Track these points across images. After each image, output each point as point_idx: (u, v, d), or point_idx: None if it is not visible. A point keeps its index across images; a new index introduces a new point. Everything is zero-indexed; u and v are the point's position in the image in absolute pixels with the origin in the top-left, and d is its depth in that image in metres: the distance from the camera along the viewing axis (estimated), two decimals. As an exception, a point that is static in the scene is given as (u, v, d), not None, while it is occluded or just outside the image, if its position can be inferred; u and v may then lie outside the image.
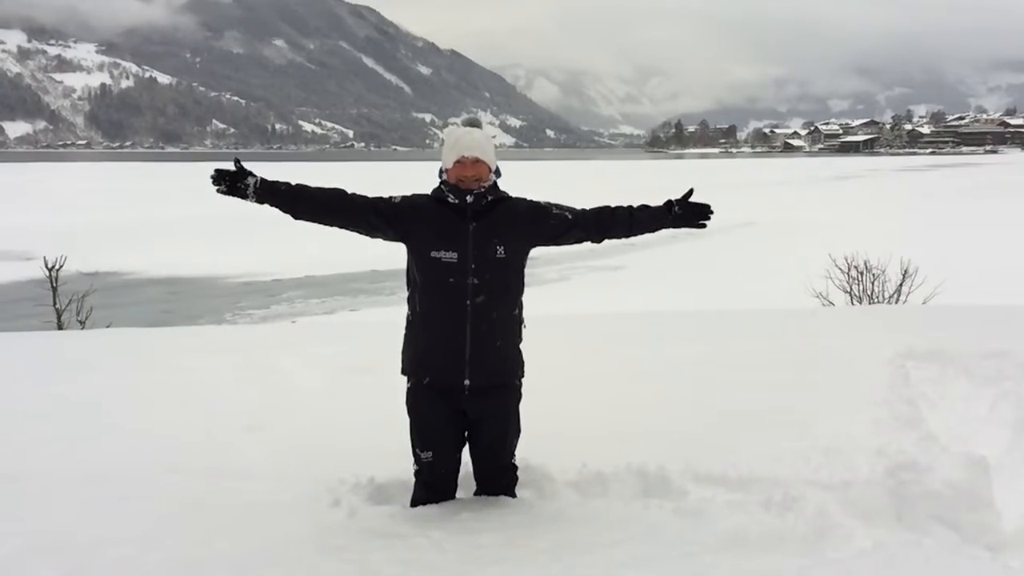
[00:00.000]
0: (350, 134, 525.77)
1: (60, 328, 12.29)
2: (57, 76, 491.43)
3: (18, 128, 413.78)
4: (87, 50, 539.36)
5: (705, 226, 3.69)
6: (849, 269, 12.94)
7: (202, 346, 7.76)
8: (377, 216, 3.55)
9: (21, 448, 4.65)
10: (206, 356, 7.02)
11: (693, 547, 3.28)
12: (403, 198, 3.62)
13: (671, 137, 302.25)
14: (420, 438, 3.63)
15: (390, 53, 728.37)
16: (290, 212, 3.55)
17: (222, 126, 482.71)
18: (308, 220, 3.57)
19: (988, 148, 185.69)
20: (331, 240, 3.66)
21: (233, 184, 3.44)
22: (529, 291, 3.67)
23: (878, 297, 12.62)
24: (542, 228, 3.62)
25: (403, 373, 3.66)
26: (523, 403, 3.69)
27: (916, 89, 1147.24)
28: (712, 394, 5.36)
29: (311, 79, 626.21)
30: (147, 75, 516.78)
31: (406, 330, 3.63)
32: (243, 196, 3.46)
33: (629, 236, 3.75)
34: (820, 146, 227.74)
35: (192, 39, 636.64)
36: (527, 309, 3.69)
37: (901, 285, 12.51)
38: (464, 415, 3.59)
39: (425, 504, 3.69)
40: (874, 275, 12.72)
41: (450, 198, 3.50)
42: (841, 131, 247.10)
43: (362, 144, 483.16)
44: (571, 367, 6.05)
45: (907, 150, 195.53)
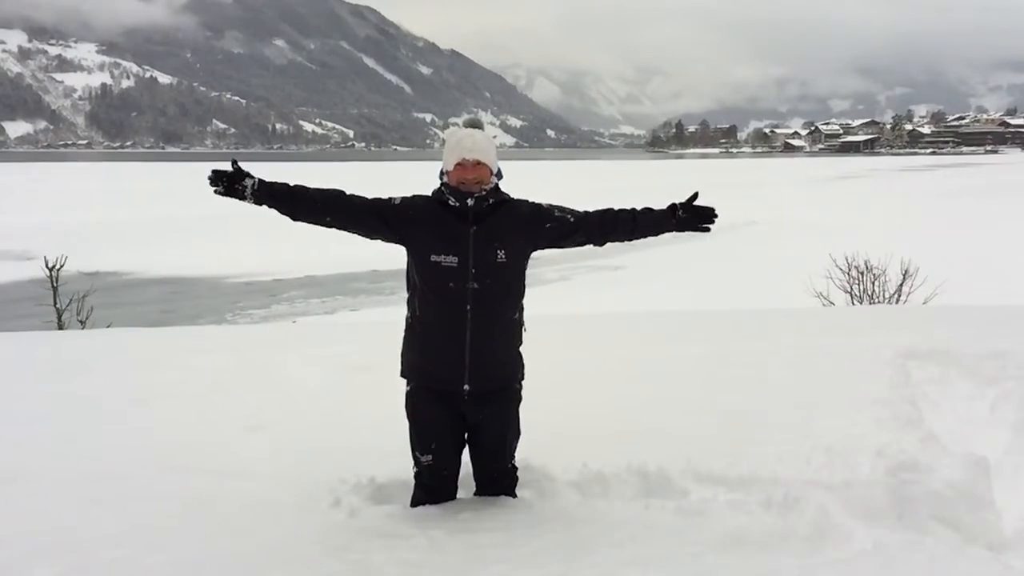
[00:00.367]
0: (351, 134, 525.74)
1: (60, 328, 12.29)
2: (58, 76, 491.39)
3: (19, 128, 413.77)
4: (88, 50, 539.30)
5: (709, 230, 3.65)
6: (849, 269, 12.94)
7: (203, 346, 7.76)
8: (376, 218, 3.51)
9: (21, 448, 4.65)
10: (207, 356, 7.02)
11: (694, 547, 3.28)
12: (403, 199, 3.56)
13: (672, 137, 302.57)
14: (419, 442, 3.61)
15: (391, 53, 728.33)
16: (288, 214, 3.50)
17: (223, 126, 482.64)
18: (306, 221, 3.52)
19: (988, 148, 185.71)
20: (332, 240, 3.65)
21: (231, 185, 3.39)
22: (529, 291, 3.66)
23: (879, 297, 12.62)
24: (543, 231, 3.57)
25: (402, 376, 3.64)
26: (524, 403, 3.68)
27: (917, 89, 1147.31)
28: (713, 394, 5.36)
29: (312, 79, 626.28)
30: (148, 75, 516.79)
31: (405, 333, 3.61)
32: (241, 197, 3.42)
33: (631, 239, 3.71)
34: (820, 146, 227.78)
35: (193, 39, 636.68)
36: (527, 309, 3.67)
37: (902, 285, 12.51)
38: (464, 418, 3.57)
39: (425, 505, 3.68)
40: (875, 275, 12.71)
41: (451, 201, 3.45)
42: (842, 131, 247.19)
43: (363, 144, 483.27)
44: (572, 367, 6.05)
45: (907, 150, 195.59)
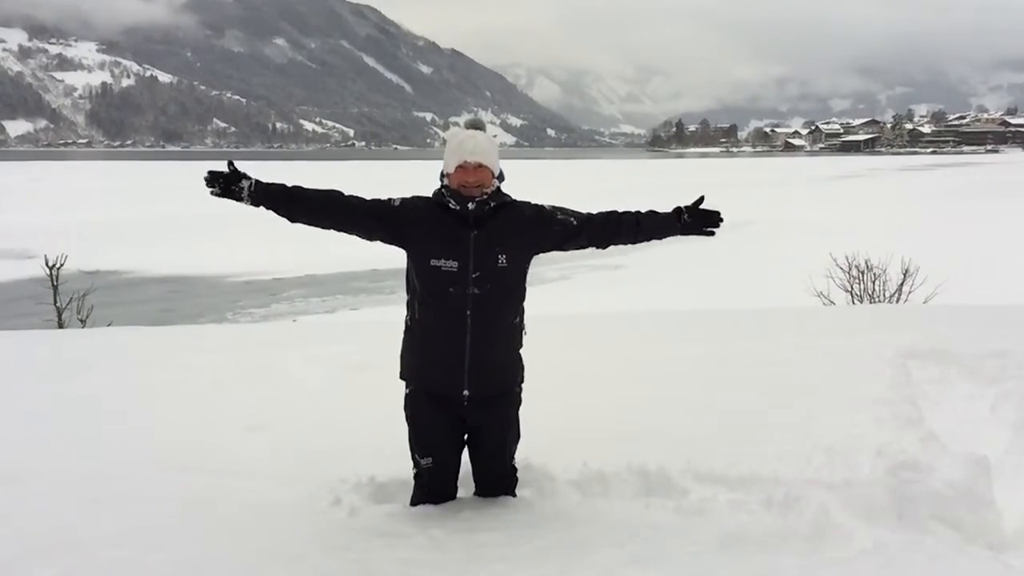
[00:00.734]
0: (351, 133, 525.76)
1: (61, 327, 12.29)
2: (58, 75, 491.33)
3: (19, 127, 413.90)
4: (88, 49, 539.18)
5: (714, 234, 3.60)
6: (850, 268, 12.95)
7: (203, 345, 7.76)
8: (375, 220, 3.46)
9: (21, 447, 4.65)
10: (207, 355, 7.02)
11: (694, 546, 3.28)
12: (402, 201, 3.51)
13: (672, 136, 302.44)
14: (419, 445, 3.60)
15: (391, 52, 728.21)
16: (286, 215, 3.45)
17: (223, 125, 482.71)
18: (305, 223, 3.48)
19: (989, 148, 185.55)
20: (332, 239, 3.64)
21: (227, 187, 3.35)
22: (529, 290, 3.63)
23: (879, 296, 12.63)
24: (546, 235, 3.53)
25: (401, 378, 3.62)
26: (524, 402, 3.67)
27: (917, 88, 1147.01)
28: (713, 393, 5.35)
29: (312, 78, 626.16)
30: (148, 74, 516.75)
31: (405, 335, 3.58)
32: (237, 199, 3.36)
33: (635, 242, 3.66)
34: (821, 145, 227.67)
35: (193, 38, 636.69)
36: (528, 309, 3.65)
37: (902, 284, 12.51)
38: (463, 422, 3.55)
39: (425, 504, 3.67)
40: (875, 274, 12.72)
41: (451, 204, 3.40)
42: (842, 130, 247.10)
43: (363, 143, 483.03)
44: (572, 367, 6.05)
45: (908, 150, 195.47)
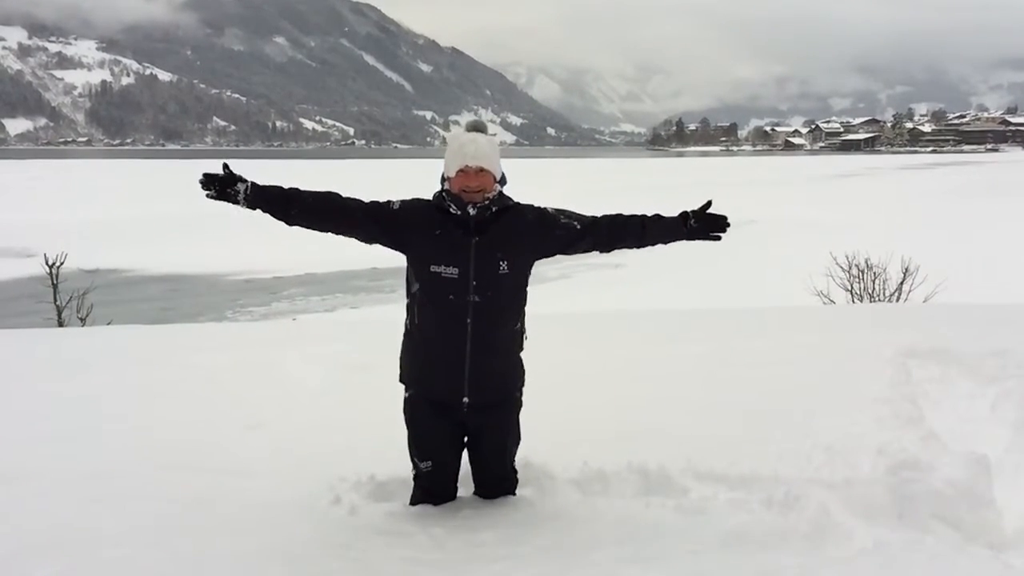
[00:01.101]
0: (351, 132, 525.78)
1: (61, 325, 12.29)
2: (58, 73, 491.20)
3: (19, 125, 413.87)
4: (88, 47, 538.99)
5: (720, 239, 3.54)
6: (850, 267, 12.95)
7: (202, 344, 7.75)
8: (374, 224, 3.41)
9: (20, 446, 4.64)
10: (206, 353, 7.01)
11: (694, 545, 3.28)
12: (402, 204, 3.44)
13: (672, 135, 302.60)
14: (418, 448, 3.58)
15: (391, 51, 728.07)
16: (283, 219, 3.39)
17: (223, 123, 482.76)
18: (302, 226, 3.42)
19: (989, 147, 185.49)
20: (331, 238, 3.63)
21: (222, 190, 3.28)
22: (529, 289, 3.60)
23: (879, 295, 12.62)
24: (549, 240, 3.47)
25: (401, 382, 3.59)
26: (524, 402, 3.66)
27: (917, 87, 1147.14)
28: (713, 393, 5.35)
29: (312, 76, 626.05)
30: (148, 72, 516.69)
31: (404, 339, 3.55)
32: (234, 202, 3.30)
33: (640, 247, 3.59)
34: (821, 144, 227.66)
35: (193, 36, 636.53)
36: (528, 308, 3.62)
37: (902, 283, 12.51)
38: (463, 426, 3.53)
39: (425, 504, 3.66)
40: (875, 273, 12.72)
41: (452, 208, 3.34)
42: (842, 129, 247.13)
43: (363, 142, 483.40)
44: (572, 366, 6.04)
45: (908, 148, 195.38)
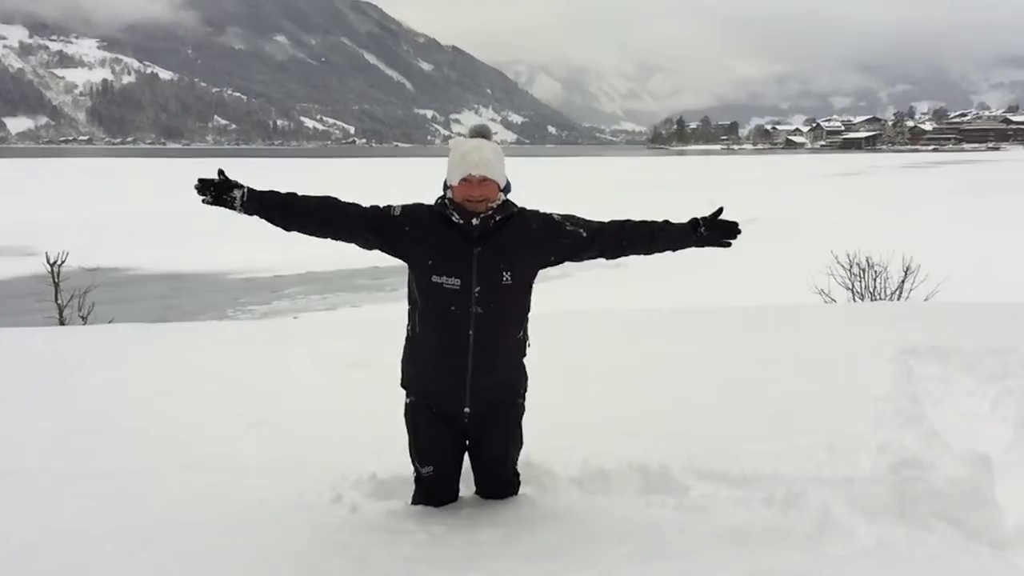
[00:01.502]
0: (352, 130, 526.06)
1: (62, 324, 12.30)
2: (59, 72, 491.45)
3: (20, 124, 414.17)
4: (89, 46, 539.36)
5: (731, 245, 3.44)
6: (851, 266, 12.94)
7: (204, 342, 7.76)
8: (374, 232, 3.33)
9: (22, 444, 4.65)
10: (207, 352, 7.02)
11: (695, 543, 3.28)
12: (403, 211, 3.36)
13: (673, 134, 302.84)
14: (419, 454, 3.55)
15: (392, 49, 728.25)
16: (281, 225, 3.34)
17: (224, 122, 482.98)
18: (301, 232, 3.36)
19: (990, 145, 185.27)
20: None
21: (219, 195, 3.22)
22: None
23: (880, 294, 12.62)
24: (553, 248, 3.39)
25: (402, 387, 3.55)
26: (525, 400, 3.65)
27: (919, 86, 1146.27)
28: (714, 391, 5.35)
29: (313, 75, 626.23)
30: (149, 71, 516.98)
31: (406, 345, 3.50)
32: (230, 207, 3.24)
33: (648, 254, 3.50)
34: (822, 143, 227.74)
35: (194, 35, 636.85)
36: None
37: (903, 282, 12.50)
38: (465, 433, 3.51)
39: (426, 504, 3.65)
40: (876, 272, 12.71)
41: (454, 217, 3.27)
42: (843, 128, 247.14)
43: (364, 141, 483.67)
44: (572, 363, 6.04)
45: (909, 147, 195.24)
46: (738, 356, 6.24)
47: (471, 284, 3.25)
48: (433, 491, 3.61)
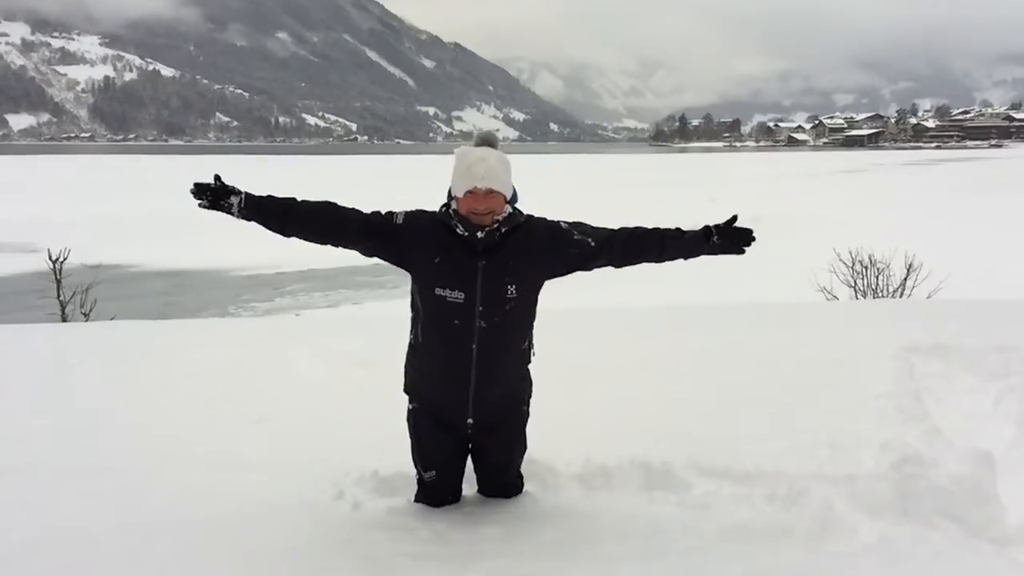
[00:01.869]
0: (353, 127, 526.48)
1: (64, 320, 12.31)
2: (61, 68, 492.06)
3: (22, 120, 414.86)
4: (91, 42, 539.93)
5: (744, 252, 3.34)
6: (853, 263, 12.91)
7: (206, 339, 7.75)
8: (375, 240, 3.28)
9: (24, 440, 4.65)
10: (209, 349, 7.01)
11: (697, 540, 3.28)
12: (405, 219, 3.29)
13: (675, 131, 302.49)
14: (422, 459, 3.53)
15: (394, 46, 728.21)
16: (278, 231, 3.29)
17: (225, 119, 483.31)
18: (298, 238, 3.31)
19: (993, 142, 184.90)
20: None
21: (215, 201, 3.18)
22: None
23: (882, 291, 12.59)
24: (561, 259, 3.32)
25: (405, 392, 3.52)
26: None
27: (921, 83, 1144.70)
28: (716, 388, 5.34)
29: (314, 72, 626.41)
30: (150, 68, 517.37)
31: (408, 351, 3.46)
32: (227, 212, 3.20)
33: (659, 262, 3.42)
34: (824, 140, 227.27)
35: (195, 32, 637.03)
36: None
37: (906, 279, 12.47)
38: (468, 440, 3.49)
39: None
40: (878, 269, 12.69)
41: (459, 229, 3.19)
42: (846, 125, 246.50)
43: (365, 137, 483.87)
44: (574, 361, 6.04)
45: (912, 144, 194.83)
46: (740, 354, 6.24)
47: (475, 298, 3.18)
48: (435, 494, 3.60)
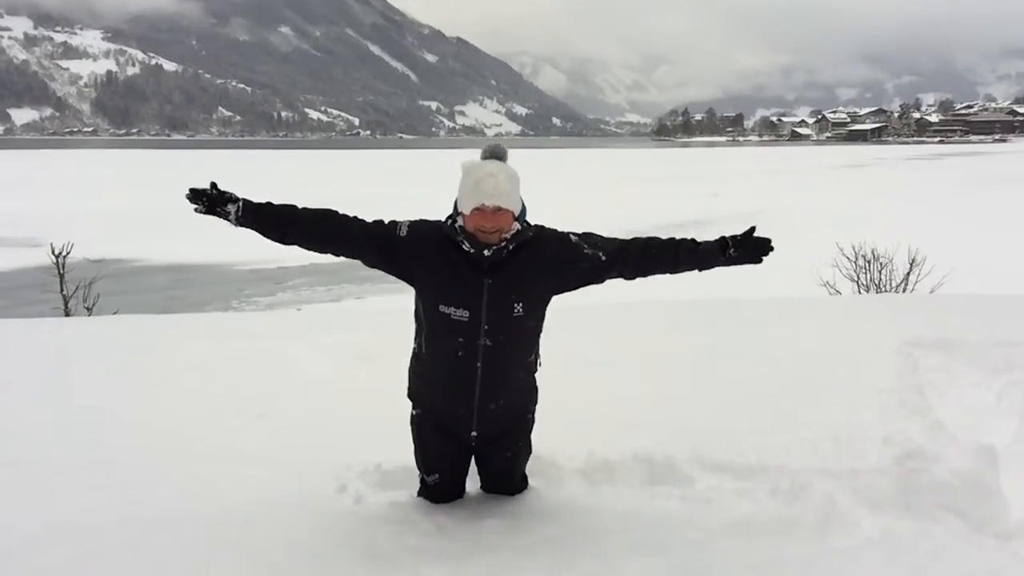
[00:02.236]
0: (356, 122, 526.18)
1: (67, 315, 12.32)
2: (63, 63, 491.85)
3: (24, 115, 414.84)
4: (93, 37, 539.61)
5: (761, 261, 3.22)
6: (856, 258, 12.89)
7: (208, 333, 7.76)
8: (377, 252, 3.18)
9: (26, 434, 4.65)
10: (213, 343, 7.02)
11: (700, 534, 3.28)
12: (409, 231, 3.17)
13: (678, 125, 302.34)
14: (425, 463, 3.51)
15: (396, 40, 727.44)
16: (276, 239, 3.21)
17: (228, 113, 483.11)
18: (299, 247, 3.23)
19: (997, 137, 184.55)
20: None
21: (212, 207, 3.09)
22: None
23: (885, 286, 12.57)
24: (570, 274, 3.20)
25: (409, 397, 3.47)
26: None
27: (925, 77, 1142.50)
28: (719, 382, 5.34)
29: (317, 66, 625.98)
30: (153, 62, 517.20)
31: (412, 359, 3.41)
32: (224, 219, 3.11)
33: (673, 274, 3.31)
34: (828, 135, 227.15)
35: (198, 26, 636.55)
36: None
37: (908, 274, 12.45)
38: (472, 448, 3.47)
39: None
40: (881, 264, 12.67)
41: (465, 245, 3.08)
42: (849, 120, 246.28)
43: (368, 132, 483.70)
44: (577, 356, 6.03)
45: (915, 139, 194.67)
46: (742, 348, 6.23)
47: (480, 316, 3.10)
48: (439, 496, 3.58)
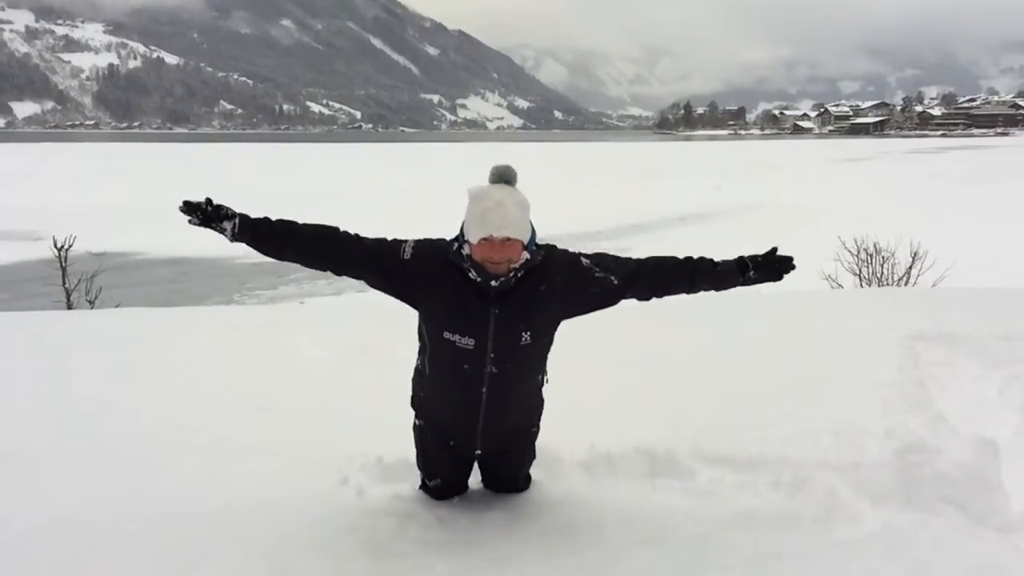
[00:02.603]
0: (358, 115, 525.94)
1: (69, 308, 12.34)
2: (65, 56, 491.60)
3: (26, 108, 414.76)
4: (95, 30, 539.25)
5: (782, 278, 3.15)
6: (858, 251, 12.87)
7: (211, 326, 7.76)
8: (379, 275, 3.08)
9: (27, 427, 4.66)
10: (215, 336, 7.02)
11: (701, 527, 3.29)
12: (414, 252, 3.05)
13: (680, 119, 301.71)
14: (427, 469, 3.50)
15: (398, 33, 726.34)
16: (274, 257, 3.13)
17: (230, 107, 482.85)
18: (297, 264, 3.16)
19: (999, 131, 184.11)
20: (339, 222, 3.56)
21: (206, 221, 3.02)
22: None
23: (887, 279, 12.56)
24: (581, 300, 3.13)
25: (412, 407, 3.44)
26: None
27: (927, 71, 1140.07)
28: (721, 376, 5.34)
29: (319, 59, 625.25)
30: (155, 55, 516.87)
31: (416, 375, 3.36)
32: (220, 234, 3.05)
33: (689, 294, 3.27)
34: (830, 128, 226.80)
35: (199, 19, 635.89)
36: None
37: (911, 267, 12.43)
38: (476, 459, 3.46)
39: None
40: (883, 257, 12.65)
41: (471, 274, 2.97)
42: (851, 113, 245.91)
43: (370, 125, 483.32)
44: (579, 349, 6.01)
45: (917, 132, 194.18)
46: (744, 341, 6.24)
47: (487, 345, 3.01)
48: (440, 495, 3.56)
